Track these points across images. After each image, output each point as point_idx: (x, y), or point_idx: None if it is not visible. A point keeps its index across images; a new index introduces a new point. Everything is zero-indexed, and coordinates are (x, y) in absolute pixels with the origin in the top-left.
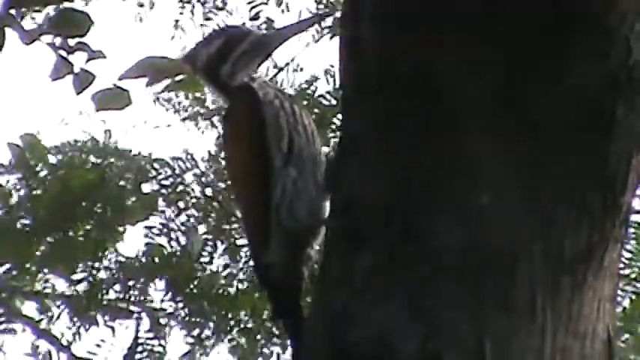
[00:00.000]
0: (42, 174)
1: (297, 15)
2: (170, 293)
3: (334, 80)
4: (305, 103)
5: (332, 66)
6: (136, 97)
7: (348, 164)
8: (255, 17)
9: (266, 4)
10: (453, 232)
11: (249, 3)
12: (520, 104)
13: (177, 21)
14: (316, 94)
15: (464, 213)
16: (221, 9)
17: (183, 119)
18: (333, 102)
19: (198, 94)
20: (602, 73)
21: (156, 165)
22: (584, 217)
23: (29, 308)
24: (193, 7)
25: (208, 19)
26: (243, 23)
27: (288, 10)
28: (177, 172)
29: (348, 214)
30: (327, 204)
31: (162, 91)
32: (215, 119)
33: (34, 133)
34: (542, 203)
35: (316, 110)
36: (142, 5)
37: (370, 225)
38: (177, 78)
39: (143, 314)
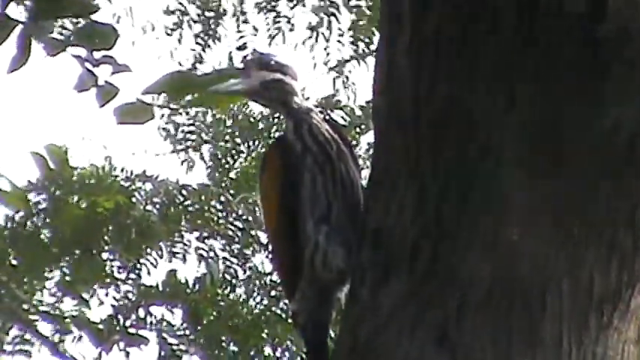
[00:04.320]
0: (67, 188)
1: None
2: (186, 322)
3: (354, 97)
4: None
5: (353, 83)
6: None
7: (380, 196)
8: (243, 47)
9: (255, 35)
10: (481, 267)
11: (238, 32)
12: (555, 142)
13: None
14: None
15: (493, 248)
16: (210, 36)
17: (177, 150)
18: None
19: (196, 123)
20: (634, 116)
21: (183, 191)
22: (614, 256)
23: (44, 328)
24: (182, 29)
25: (198, 43)
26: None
27: (280, 44)
28: (203, 198)
29: (377, 246)
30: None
31: (184, 107)
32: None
33: (58, 144)
34: (573, 240)
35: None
36: (144, 30)
37: (398, 257)
38: (200, 94)
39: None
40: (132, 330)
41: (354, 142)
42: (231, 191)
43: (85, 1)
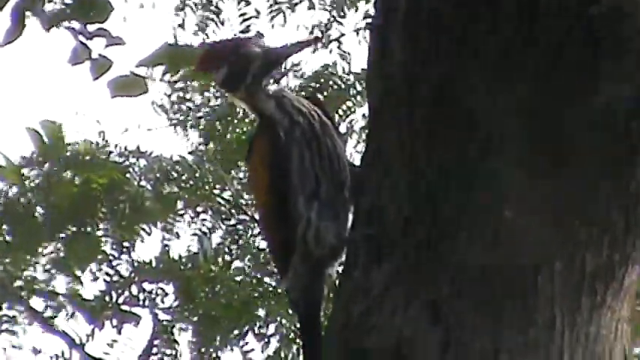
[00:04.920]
0: (60, 164)
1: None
2: (179, 299)
3: (349, 66)
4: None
5: (348, 53)
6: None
7: (374, 175)
8: (246, 30)
9: (257, 17)
10: (475, 246)
11: (241, 15)
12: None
13: (180, 25)
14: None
15: (487, 227)
16: (212, 20)
17: (173, 124)
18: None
19: (191, 100)
20: (627, 95)
21: (177, 167)
22: (606, 237)
23: (37, 304)
24: (185, 15)
25: (200, 28)
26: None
27: (284, 25)
28: (197, 174)
29: (370, 225)
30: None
31: (178, 80)
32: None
33: (54, 120)
34: (566, 220)
35: (325, 94)
36: (142, 6)
37: (391, 235)
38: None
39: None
40: (125, 307)
41: (349, 113)
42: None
43: None
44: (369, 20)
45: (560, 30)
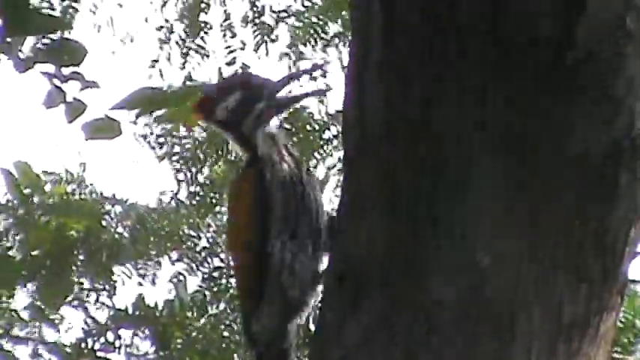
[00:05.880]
0: (36, 201)
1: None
2: (155, 346)
3: (325, 107)
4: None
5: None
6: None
7: (348, 223)
8: (232, 62)
9: (242, 49)
10: (452, 291)
11: (227, 48)
12: (527, 167)
13: (154, 61)
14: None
15: (463, 273)
16: (197, 52)
17: (160, 157)
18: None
19: (175, 133)
20: (605, 141)
21: (154, 215)
22: (584, 284)
23: (21, 353)
24: (171, 48)
25: (186, 61)
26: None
27: (267, 55)
28: (174, 221)
29: (346, 273)
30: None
31: (154, 123)
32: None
33: (25, 160)
34: (543, 266)
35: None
36: (123, 42)
37: (368, 283)
38: (169, 110)
39: None
40: (101, 354)
41: (326, 156)
42: (201, 209)
43: (56, 19)
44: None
45: (531, 56)
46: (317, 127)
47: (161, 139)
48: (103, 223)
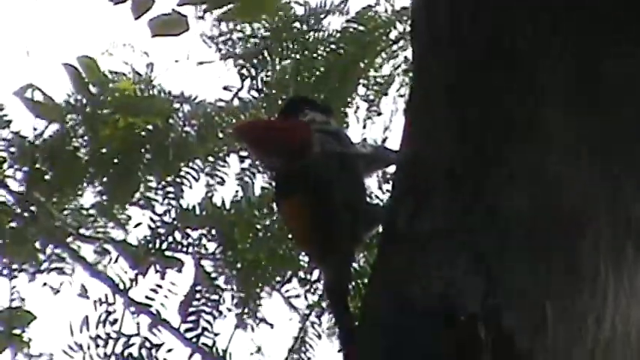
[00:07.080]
0: (102, 99)
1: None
2: (222, 245)
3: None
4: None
5: None
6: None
7: (417, 123)
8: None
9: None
10: (524, 196)
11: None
12: (593, 83)
13: None
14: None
15: (535, 181)
16: None
17: (224, 56)
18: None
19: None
20: None
21: (222, 113)
22: None
23: (86, 251)
24: None
25: None
26: None
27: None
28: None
29: (414, 174)
30: None
31: (221, 19)
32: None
33: (91, 55)
34: (613, 172)
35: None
36: None
37: (438, 186)
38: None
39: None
40: (168, 253)
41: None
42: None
43: None
44: None
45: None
46: (383, 25)
47: (225, 37)
48: (171, 121)
